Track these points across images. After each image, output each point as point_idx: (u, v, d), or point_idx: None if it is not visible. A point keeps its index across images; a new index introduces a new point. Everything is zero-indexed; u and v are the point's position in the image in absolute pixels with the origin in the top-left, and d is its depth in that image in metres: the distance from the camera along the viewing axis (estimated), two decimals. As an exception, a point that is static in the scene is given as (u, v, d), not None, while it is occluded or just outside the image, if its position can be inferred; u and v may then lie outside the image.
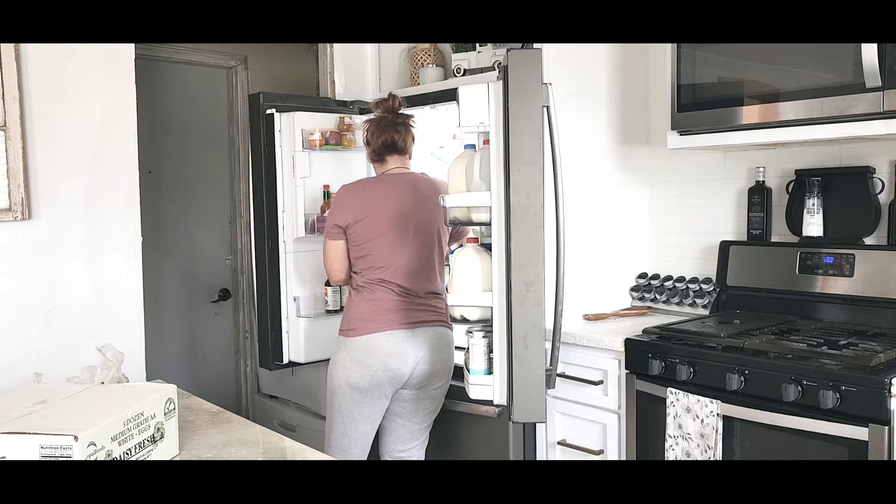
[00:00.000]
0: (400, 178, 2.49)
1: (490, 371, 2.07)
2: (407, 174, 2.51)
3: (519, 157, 1.89)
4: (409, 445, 2.51)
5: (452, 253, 2.50)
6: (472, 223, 2.16)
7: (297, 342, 2.87)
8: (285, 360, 2.89)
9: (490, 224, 2.03)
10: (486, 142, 2.04)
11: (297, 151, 2.80)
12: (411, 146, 2.53)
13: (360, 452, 2.47)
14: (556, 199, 1.99)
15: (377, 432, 2.52)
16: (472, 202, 2.08)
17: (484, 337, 2.10)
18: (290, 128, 2.80)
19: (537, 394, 1.95)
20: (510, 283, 1.92)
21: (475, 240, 2.23)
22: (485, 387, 2.09)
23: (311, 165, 2.84)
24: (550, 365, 2.05)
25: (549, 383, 2.02)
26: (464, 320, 2.15)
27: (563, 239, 2.02)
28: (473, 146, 2.29)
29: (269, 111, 2.81)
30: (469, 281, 2.12)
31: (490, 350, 2.07)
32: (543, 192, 1.91)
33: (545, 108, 1.94)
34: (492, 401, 2.09)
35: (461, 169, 2.16)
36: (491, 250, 2.05)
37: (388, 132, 2.46)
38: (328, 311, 2.88)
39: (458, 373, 2.41)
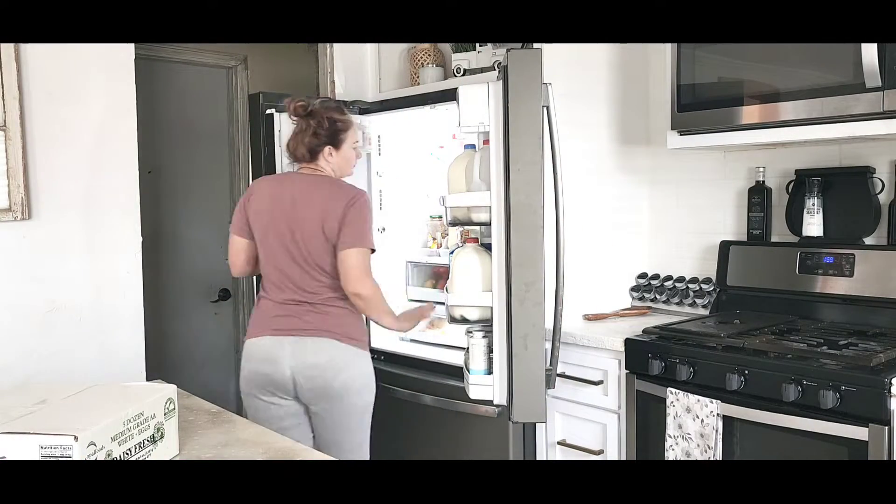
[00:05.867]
0: (290, 178, 2.35)
1: (490, 371, 2.07)
2: (298, 175, 2.33)
3: (519, 157, 1.89)
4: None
5: (452, 252, 2.50)
6: (472, 223, 2.16)
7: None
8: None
9: (490, 224, 2.03)
10: (486, 142, 2.04)
11: (297, 151, 2.79)
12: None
13: None
14: (556, 199, 1.99)
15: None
16: (472, 202, 2.08)
17: (484, 337, 2.11)
18: (290, 128, 2.79)
19: (537, 394, 1.95)
20: (510, 283, 1.92)
21: (475, 240, 2.23)
22: (485, 387, 2.09)
23: (312, 165, 2.83)
24: (550, 365, 2.05)
25: (549, 383, 2.03)
26: (464, 320, 2.15)
27: (563, 239, 2.02)
28: (473, 146, 2.29)
29: (269, 111, 2.80)
30: (469, 281, 2.12)
31: (490, 350, 2.07)
32: (543, 192, 1.91)
33: (545, 108, 1.94)
34: (492, 401, 2.09)
35: (461, 169, 2.17)
36: (491, 250, 2.05)
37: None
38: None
39: (459, 373, 2.42)
